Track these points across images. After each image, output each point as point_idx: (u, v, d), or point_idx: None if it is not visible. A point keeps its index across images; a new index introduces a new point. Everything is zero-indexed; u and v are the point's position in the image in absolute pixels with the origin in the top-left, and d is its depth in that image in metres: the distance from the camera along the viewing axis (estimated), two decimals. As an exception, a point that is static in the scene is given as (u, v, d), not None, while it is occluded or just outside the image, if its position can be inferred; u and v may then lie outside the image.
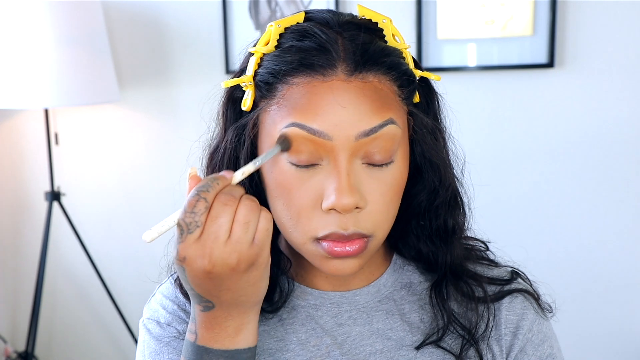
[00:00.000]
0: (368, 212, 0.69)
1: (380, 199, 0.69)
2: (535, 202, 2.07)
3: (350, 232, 0.68)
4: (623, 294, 2.08)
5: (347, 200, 0.66)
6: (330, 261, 0.70)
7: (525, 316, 0.80)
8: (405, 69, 0.71)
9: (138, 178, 2.23)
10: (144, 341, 0.81)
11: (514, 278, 0.83)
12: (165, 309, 0.81)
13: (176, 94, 2.17)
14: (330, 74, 0.67)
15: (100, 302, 2.28)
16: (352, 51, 0.68)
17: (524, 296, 0.81)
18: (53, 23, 1.84)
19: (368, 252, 0.71)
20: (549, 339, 0.81)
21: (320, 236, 0.69)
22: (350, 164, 0.67)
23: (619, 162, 2.01)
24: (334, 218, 0.68)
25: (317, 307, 0.79)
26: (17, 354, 2.18)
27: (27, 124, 2.24)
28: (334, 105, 0.66)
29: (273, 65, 0.70)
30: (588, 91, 1.99)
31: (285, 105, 0.68)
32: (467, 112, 1.99)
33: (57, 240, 2.27)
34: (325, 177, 0.68)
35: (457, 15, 1.99)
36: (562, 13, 1.96)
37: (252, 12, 2.08)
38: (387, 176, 0.70)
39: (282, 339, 0.78)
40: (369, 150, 0.68)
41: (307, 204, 0.69)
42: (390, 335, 0.78)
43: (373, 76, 0.68)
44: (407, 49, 0.73)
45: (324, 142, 0.66)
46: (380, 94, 0.68)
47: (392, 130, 0.68)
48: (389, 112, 0.68)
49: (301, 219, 0.69)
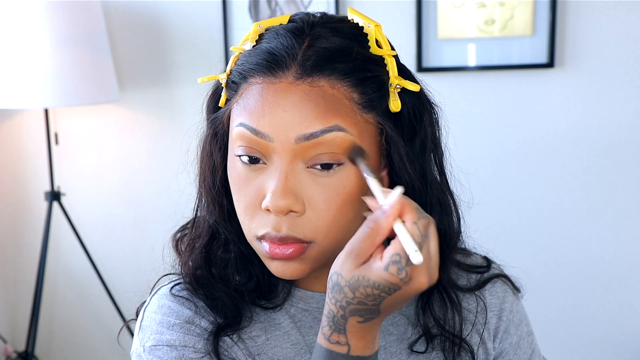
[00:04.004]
0: (308, 217, 0.68)
1: (323, 205, 0.68)
2: (534, 201, 2.07)
3: (282, 235, 0.68)
4: (623, 294, 2.08)
5: (280, 202, 0.67)
6: (272, 262, 0.71)
7: (506, 299, 0.84)
8: (370, 75, 0.69)
9: (138, 178, 2.23)
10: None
11: (489, 264, 0.86)
12: (172, 329, 0.75)
13: (176, 94, 2.17)
14: (280, 76, 0.68)
15: (100, 302, 2.27)
16: (309, 55, 0.68)
17: (502, 280, 0.85)
18: (53, 23, 1.84)
19: (309, 258, 0.70)
20: (525, 317, 0.86)
21: (259, 235, 0.70)
22: (291, 167, 0.68)
23: (619, 162, 2.01)
24: (270, 219, 0.69)
25: (314, 308, 0.79)
26: (17, 354, 2.18)
27: (27, 124, 2.24)
28: (275, 107, 0.67)
29: (241, 64, 0.72)
30: (588, 91, 1.99)
31: (241, 103, 0.70)
32: (466, 112, 1.99)
33: (57, 240, 2.26)
34: (268, 177, 0.69)
35: (457, 15, 1.99)
36: (562, 13, 1.96)
37: (252, 12, 2.08)
38: (333, 182, 0.68)
39: (279, 341, 0.78)
40: (312, 154, 0.67)
41: (252, 202, 0.70)
42: (392, 330, 0.79)
43: (325, 81, 0.68)
44: (391, 56, 0.71)
45: (266, 143, 0.68)
46: (329, 100, 0.67)
47: (339, 136, 0.67)
48: (335, 118, 0.67)
49: (247, 216, 0.71)
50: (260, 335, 0.78)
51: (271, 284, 0.79)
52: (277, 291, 0.79)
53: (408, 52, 2.01)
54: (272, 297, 0.79)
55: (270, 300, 0.79)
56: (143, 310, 0.80)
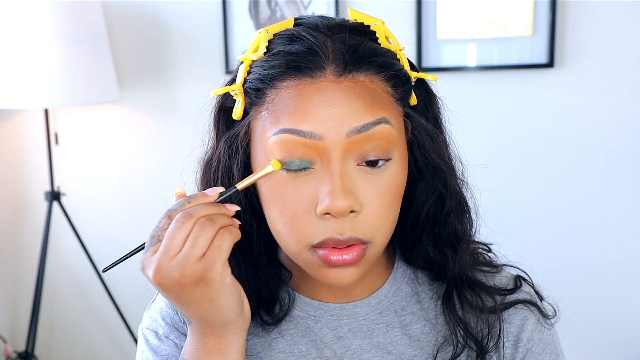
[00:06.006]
0: (364, 216, 0.66)
1: (377, 202, 0.67)
2: (535, 201, 2.07)
3: (346, 237, 0.66)
4: (623, 294, 2.08)
5: (341, 203, 0.64)
6: (328, 270, 0.68)
7: (525, 327, 0.78)
8: (398, 69, 0.70)
9: (138, 178, 2.23)
10: (143, 351, 0.80)
11: (517, 286, 0.81)
12: (164, 320, 0.80)
13: (176, 94, 2.17)
14: (318, 76, 0.66)
15: (100, 302, 2.28)
16: (341, 52, 0.67)
17: (525, 306, 0.79)
18: (53, 23, 1.84)
19: (367, 260, 0.69)
20: (549, 345, 0.80)
21: (315, 243, 0.67)
22: (344, 165, 0.66)
23: (619, 162, 2.01)
24: (329, 223, 0.66)
25: (317, 318, 0.78)
26: (17, 354, 2.18)
27: (27, 124, 2.24)
28: (322, 105, 0.65)
29: (261, 71, 0.69)
30: (588, 91, 1.99)
31: (275, 110, 0.67)
32: (467, 112, 1.99)
33: (57, 240, 2.27)
34: (319, 181, 0.66)
35: (457, 15, 1.99)
36: (562, 13, 1.96)
37: (252, 13, 2.08)
38: (384, 179, 0.67)
39: (283, 351, 0.77)
40: (363, 150, 0.66)
41: (301, 209, 0.66)
42: (390, 349, 0.77)
43: (364, 76, 0.67)
44: (401, 51, 0.72)
45: (315, 143, 0.65)
46: (373, 93, 0.67)
47: (386, 129, 0.66)
48: (381, 111, 0.67)
49: (295, 226, 0.67)
50: (251, 339, 0.78)
51: (274, 298, 0.78)
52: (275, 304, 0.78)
53: (408, 52, 1.99)
54: (273, 312, 0.78)
55: (272, 316, 0.78)
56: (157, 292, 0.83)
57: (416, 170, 0.74)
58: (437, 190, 0.74)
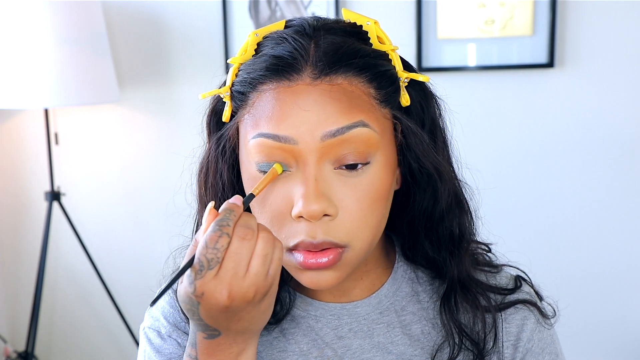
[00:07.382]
0: (341, 220, 0.66)
1: (355, 206, 0.66)
2: (535, 201, 2.07)
3: (319, 241, 0.65)
4: (623, 294, 2.08)
5: (313, 207, 0.64)
6: (305, 273, 0.68)
7: (525, 327, 0.78)
8: (383, 70, 0.69)
9: (138, 178, 2.23)
10: (145, 351, 0.80)
11: (517, 286, 0.80)
12: (166, 319, 0.80)
13: (176, 94, 2.17)
14: (295, 79, 0.66)
15: (100, 302, 2.28)
16: (321, 54, 0.66)
17: (525, 306, 0.79)
18: (53, 23, 1.84)
19: (345, 264, 0.68)
20: (549, 345, 0.79)
21: (291, 246, 0.67)
22: (319, 169, 0.65)
23: (619, 162, 2.02)
24: (303, 226, 0.66)
25: (318, 318, 0.78)
26: (17, 354, 2.18)
27: (27, 124, 2.24)
28: (296, 109, 0.65)
29: (244, 74, 0.69)
30: (588, 91, 1.99)
31: (254, 113, 0.67)
32: (467, 112, 1.99)
33: (57, 240, 2.27)
34: (294, 184, 0.66)
35: (457, 15, 1.99)
36: (562, 13, 1.96)
37: (252, 12, 2.08)
38: (362, 182, 0.67)
39: (284, 350, 0.77)
40: (339, 153, 0.65)
41: (279, 212, 0.67)
42: (390, 349, 0.77)
43: (342, 78, 0.66)
44: (394, 50, 0.71)
45: (290, 147, 0.65)
46: (351, 96, 0.66)
47: (364, 133, 0.66)
48: (359, 114, 0.66)
49: (274, 228, 0.67)
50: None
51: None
52: (277, 303, 0.77)
53: (408, 52, 2.01)
54: (274, 311, 0.77)
55: (273, 315, 0.77)
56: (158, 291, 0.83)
57: (409, 173, 0.73)
58: (430, 192, 0.74)
